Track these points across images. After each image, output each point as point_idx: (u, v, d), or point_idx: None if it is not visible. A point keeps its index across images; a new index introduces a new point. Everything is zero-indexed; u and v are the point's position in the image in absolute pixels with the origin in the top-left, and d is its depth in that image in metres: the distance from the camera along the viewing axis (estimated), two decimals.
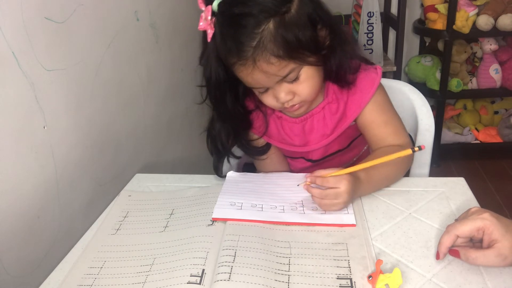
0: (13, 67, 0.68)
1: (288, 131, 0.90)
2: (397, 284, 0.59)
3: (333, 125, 0.88)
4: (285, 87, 0.76)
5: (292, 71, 0.74)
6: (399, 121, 0.89)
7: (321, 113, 0.87)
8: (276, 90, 0.77)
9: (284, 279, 0.62)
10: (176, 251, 0.70)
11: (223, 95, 0.81)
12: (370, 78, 0.85)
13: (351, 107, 0.86)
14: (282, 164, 1.00)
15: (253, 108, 0.89)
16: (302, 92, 0.77)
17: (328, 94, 0.87)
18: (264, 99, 0.80)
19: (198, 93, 0.85)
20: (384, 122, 0.86)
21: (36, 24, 0.73)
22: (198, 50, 0.80)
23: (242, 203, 0.79)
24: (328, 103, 0.87)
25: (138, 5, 1.12)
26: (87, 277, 0.67)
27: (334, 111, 0.87)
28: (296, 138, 0.90)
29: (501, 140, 2.18)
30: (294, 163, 1.00)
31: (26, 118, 0.72)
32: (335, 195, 0.73)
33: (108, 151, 0.97)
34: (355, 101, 0.85)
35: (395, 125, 0.87)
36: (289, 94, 0.77)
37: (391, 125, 0.87)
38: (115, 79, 1.00)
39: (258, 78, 0.73)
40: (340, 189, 0.73)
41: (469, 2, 1.95)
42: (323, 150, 0.92)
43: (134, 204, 0.85)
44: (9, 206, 0.69)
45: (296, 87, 0.77)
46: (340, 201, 0.73)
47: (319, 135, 0.89)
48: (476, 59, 2.18)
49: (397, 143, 0.85)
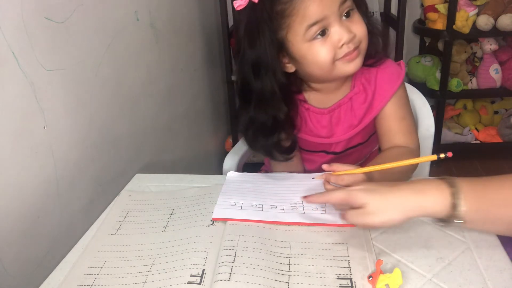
0: (13, 67, 0.68)
1: (316, 122, 0.91)
2: (397, 284, 0.59)
3: (360, 115, 0.88)
4: (345, 25, 0.77)
5: (349, 1, 0.76)
6: (413, 122, 0.90)
7: (348, 104, 0.88)
8: (337, 29, 0.76)
9: (284, 279, 0.62)
10: (176, 251, 0.70)
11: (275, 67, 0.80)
12: (397, 70, 0.88)
13: (378, 97, 0.87)
14: (299, 164, 0.98)
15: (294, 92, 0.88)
16: (359, 29, 0.78)
17: (355, 85, 0.88)
18: (322, 48, 0.77)
19: (198, 93, 0.85)
20: (401, 117, 0.88)
21: (36, 24, 0.73)
22: (198, 50, 0.80)
23: (242, 203, 0.79)
24: (355, 94, 0.88)
25: (138, 5, 1.12)
26: (87, 277, 0.67)
27: (361, 101, 0.88)
28: (323, 129, 0.90)
29: (501, 140, 2.18)
30: (314, 158, 0.98)
31: (26, 118, 0.72)
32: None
33: (108, 151, 0.97)
34: (382, 91, 0.87)
35: (410, 124, 0.88)
36: (350, 32, 0.77)
37: (405, 123, 0.88)
38: (115, 79, 1.00)
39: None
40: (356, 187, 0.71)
41: (469, 2, 1.95)
42: (346, 142, 0.92)
43: (134, 204, 0.85)
44: (9, 206, 0.69)
45: (353, 26, 0.78)
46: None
47: (346, 126, 0.90)
48: (476, 59, 2.18)
49: (406, 143, 0.86)
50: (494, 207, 0.59)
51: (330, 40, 0.77)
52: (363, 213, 0.63)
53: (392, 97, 0.86)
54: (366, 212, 0.63)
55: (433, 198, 0.61)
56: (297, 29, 0.77)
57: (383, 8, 2.16)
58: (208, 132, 1.82)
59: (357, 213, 0.64)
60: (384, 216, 0.62)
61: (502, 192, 0.60)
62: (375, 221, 0.63)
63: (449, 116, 2.30)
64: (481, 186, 0.61)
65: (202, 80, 1.69)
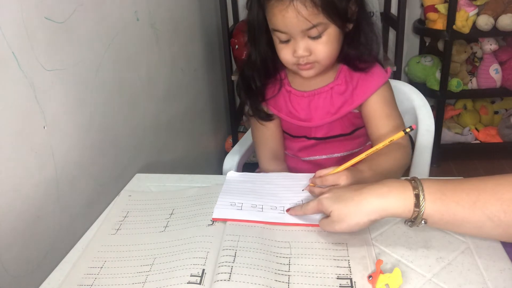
0: (13, 67, 0.68)
1: (295, 104, 0.95)
2: (397, 284, 0.59)
3: (338, 105, 0.92)
4: (306, 42, 0.82)
5: (319, 26, 0.79)
6: (401, 120, 0.93)
7: (328, 92, 0.92)
8: (297, 42, 0.82)
9: (284, 279, 0.62)
10: (176, 251, 0.70)
11: (260, 36, 0.88)
12: (381, 73, 0.92)
13: (358, 93, 0.91)
14: (279, 142, 1.02)
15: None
16: (319, 52, 0.83)
17: (338, 77, 0.92)
18: (283, 51, 0.85)
19: (198, 93, 0.86)
20: (387, 115, 0.91)
21: (36, 24, 0.73)
22: (198, 50, 0.80)
23: (242, 203, 0.79)
24: (337, 85, 0.92)
25: (138, 5, 1.12)
26: (87, 277, 0.67)
27: (341, 91, 0.92)
28: (302, 112, 0.94)
29: (501, 140, 2.18)
30: (295, 144, 1.01)
31: (26, 118, 0.72)
32: None
33: (108, 151, 0.97)
34: (363, 88, 0.91)
35: (398, 123, 0.91)
36: (306, 51, 0.82)
37: (393, 121, 0.91)
38: (115, 79, 1.00)
39: (289, 18, 0.78)
40: (340, 184, 0.73)
41: (469, 2, 1.95)
42: (326, 129, 0.96)
43: (134, 204, 0.85)
44: (9, 206, 0.69)
45: (315, 46, 0.82)
46: None
47: (324, 112, 0.93)
48: (476, 59, 2.18)
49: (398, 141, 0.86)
50: (459, 209, 0.58)
51: (290, 48, 0.83)
52: (331, 221, 0.66)
53: (373, 95, 0.90)
54: (332, 220, 0.66)
55: (396, 200, 0.62)
56: (269, 24, 0.84)
57: (383, 8, 2.16)
58: (208, 132, 1.82)
59: (327, 222, 0.67)
60: (349, 222, 0.64)
61: (469, 194, 0.58)
62: (342, 227, 0.65)
63: (449, 116, 2.30)
64: (450, 188, 0.60)
65: (202, 80, 1.69)
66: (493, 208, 0.56)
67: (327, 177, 0.75)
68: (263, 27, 0.86)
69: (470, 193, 0.58)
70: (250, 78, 0.94)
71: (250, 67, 0.94)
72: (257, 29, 0.87)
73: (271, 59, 0.91)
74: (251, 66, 0.93)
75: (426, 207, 0.60)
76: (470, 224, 0.59)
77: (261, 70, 0.93)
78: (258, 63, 0.92)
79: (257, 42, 0.89)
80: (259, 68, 0.92)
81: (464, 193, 0.59)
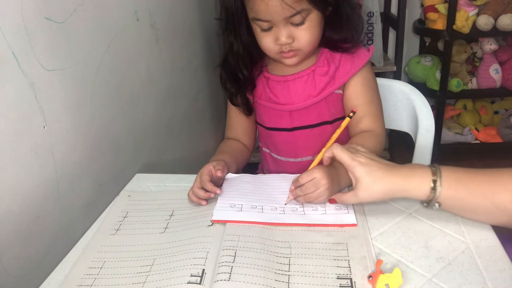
0: (13, 67, 0.68)
1: (274, 89, 0.94)
2: (397, 284, 0.59)
3: (321, 86, 0.91)
4: (288, 30, 0.82)
5: (302, 12, 0.79)
6: (381, 107, 0.94)
7: (310, 75, 0.92)
8: (280, 30, 0.82)
9: (284, 279, 0.62)
10: (176, 251, 0.70)
11: (240, 25, 0.87)
12: (363, 53, 0.92)
13: (341, 71, 0.91)
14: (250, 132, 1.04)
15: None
16: (302, 38, 0.83)
17: (319, 59, 0.92)
18: (264, 39, 0.85)
19: (198, 93, 0.86)
20: (369, 100, 0.92)
21: (36, 24, 0.73)
22: (198, 50, 0.80)
23: (242, 204, 0.79)
24: (319, 67, 0.91)
25: (138, 5, 1.12)
26: (87, 277, 0.67)
27: (323, 73, 0.91)
28: (282, 96, 0.93)
29: (501, 140, 2.18)
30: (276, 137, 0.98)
31: (26, 118, 0.72)
32: (314, 185, 0.74)
33: (108, 151, 0.97)
34: (346, 66, 0.91)
35: (377, 109, 0.92)
36: (289, 38, 0.82)
37: (373, 106, 0.92)
38: (115, 79, 1.00)
39: (273, 6, 0.78)
40: (316, 177, 0.74)
41: (469, 2, 1.95)
42: (307, 113, 0.93)
43: (134, 204, 0.85)
44: (9, 206, 0.69)
45: (298, 32, 0.82)
46: (322, 188, 0.74)
47: (306, 95, 0.92)
48: (476, 59, 2.18)
49: (372, 128, 0.90)
50: (470, 197, 0.66)
51: (272, 35, 0.83)
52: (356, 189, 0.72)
53: (355, 75, 0.90)
54: (358, 188, 0.71)
55: (416, 184, 0.68)
56: (249, 13, 0.83)
57: (383, 8, 2.16)
58: (208, 132, 1.82)
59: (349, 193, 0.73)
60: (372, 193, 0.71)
61: (481, 185, 0.66)
62: (365, 195, 0.71)
63: (449, 116, 2.30)
64: (464, 176, 0.68)
65: (202, 80, 1.69)
66: (501, 197, 0.64)
67: (301, 175, 0.75)
68: (242, 15, 0.85)
69: (482, 184, 0.66)
70: (236, 68, 0.92)
71: (233, 58, 0.92)
72: (237, 17, 0.86)
73: (254, 47, 0.90)
74: (234, 57, 0.91)
75: (441, 192, 0.67)
76: (480, 209, 0.67)
77: (246, 59, 0.91)
78: (241, 52, 0.90)
79: (238, 31, 0.88)
80: (244, 57, 0.91)
81: (476, 183, 0.66)
